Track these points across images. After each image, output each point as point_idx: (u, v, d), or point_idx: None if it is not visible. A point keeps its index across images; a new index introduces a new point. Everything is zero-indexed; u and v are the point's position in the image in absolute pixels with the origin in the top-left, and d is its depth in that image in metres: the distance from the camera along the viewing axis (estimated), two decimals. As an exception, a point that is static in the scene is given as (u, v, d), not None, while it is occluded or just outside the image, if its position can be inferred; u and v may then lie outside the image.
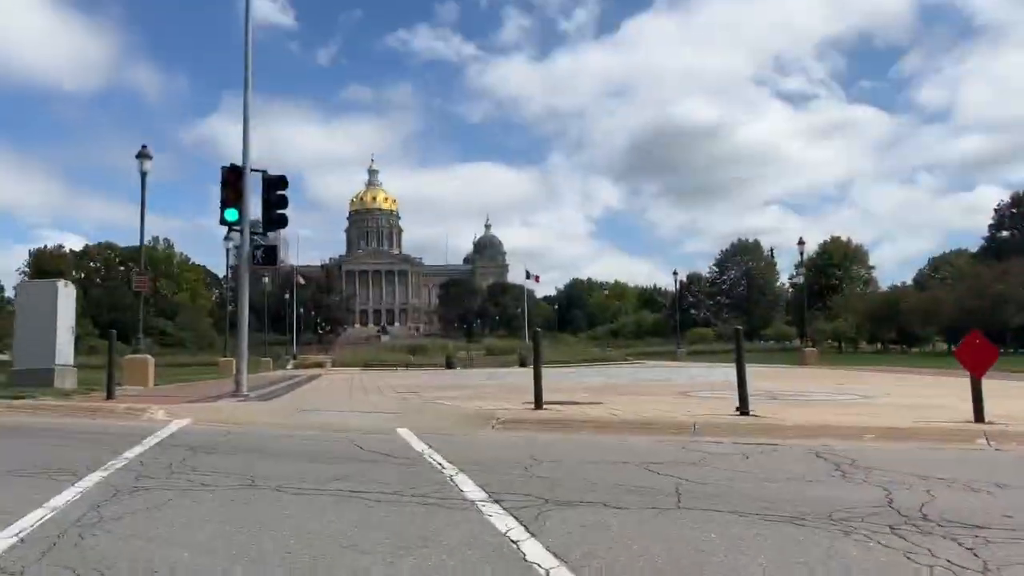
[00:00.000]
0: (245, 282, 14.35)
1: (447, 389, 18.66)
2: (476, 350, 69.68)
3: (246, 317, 14.25)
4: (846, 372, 28.51)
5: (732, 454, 7.77)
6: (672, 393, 16.00)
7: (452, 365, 47.02)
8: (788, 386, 18.85)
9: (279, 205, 14.28)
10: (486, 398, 14.32)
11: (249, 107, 14.40)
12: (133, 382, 19.46)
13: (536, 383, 10.90)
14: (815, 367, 35.21)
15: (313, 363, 60.62)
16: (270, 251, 14.11)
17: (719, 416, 10.15)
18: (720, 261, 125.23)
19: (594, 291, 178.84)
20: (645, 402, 13.03)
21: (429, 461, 7.28)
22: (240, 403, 12.52)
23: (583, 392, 16.63)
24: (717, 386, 19.15)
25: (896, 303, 64.53)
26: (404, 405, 12.45)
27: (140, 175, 20.12)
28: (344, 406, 12.47)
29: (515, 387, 18.58)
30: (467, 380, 25.07)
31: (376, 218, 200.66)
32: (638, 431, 9.34)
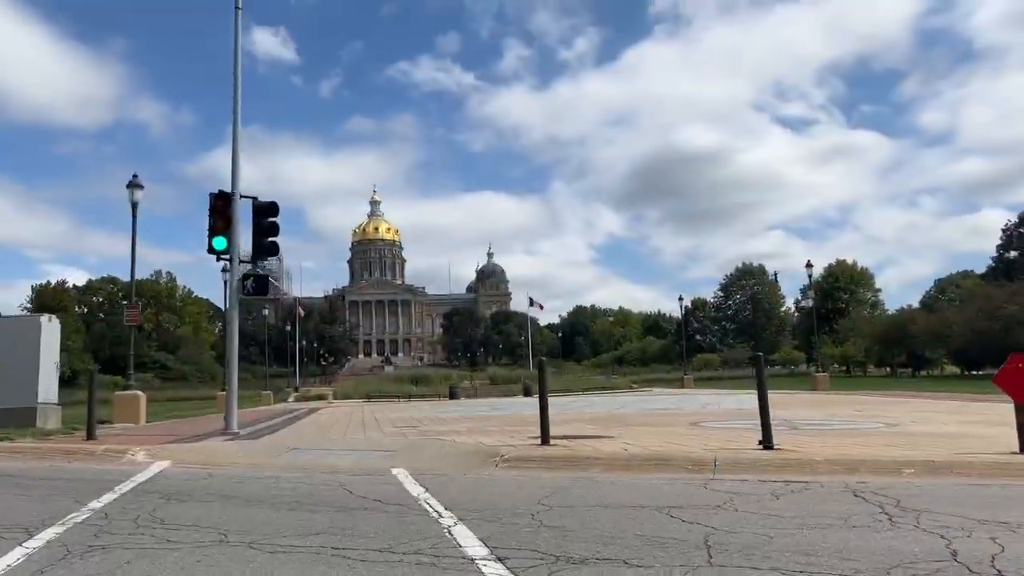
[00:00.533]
0: (235, 314, 13.69)
1: (449, 422, 17.92)
2: (480, 380, 68.79)
3: (235, 351, 13.55)
4: (860, 398, 27.68)
5: (760, 495, 7.03)
6: (683, 424, 15.23)
7: (455, 395, 46.18)
8: (805, 414, 18.08)
9: (270, 232, 13.65)
10: (489, 432, 13.58)
11: (238, 130, 13.83)
12: (124, 419, 18.74)
13: (542, 417, 10.18)
14: (827, 392, 34.37)
15: (315, 395, 59.72)
16: (261, 281, 13.45)
17: (741, 450, 9.40)
18: (725, 286, 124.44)
19: (598, 318, 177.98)
20: (657, 435, 12.27)
21: (425, 508, 6.55)
22: (227, 442, 11.79)
23: (590, 424, 15.88)
24: (730, 415, 18.38)
25: (905, 326, 63.63)
26: (401, 441, 11.70)
27: (131, 205, 19.55)
28: (338, 443, 11.73)
29: (519, 419, 17.83)
30: (470, 411, 24.30)
31: (379, 248, 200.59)
32: (654, 469, 8.60)
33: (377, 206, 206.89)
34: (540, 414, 10.18)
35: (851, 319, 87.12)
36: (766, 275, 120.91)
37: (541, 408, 10.18)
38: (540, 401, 10.24)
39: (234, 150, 13.71)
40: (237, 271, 13.42)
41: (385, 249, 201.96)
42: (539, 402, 10.24)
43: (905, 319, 66.09)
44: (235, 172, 13.66)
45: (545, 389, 10.31)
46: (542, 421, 10.17)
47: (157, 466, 9.63)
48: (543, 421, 10.16)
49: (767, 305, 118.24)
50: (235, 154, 13.72)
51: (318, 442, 11.77)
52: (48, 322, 15.48)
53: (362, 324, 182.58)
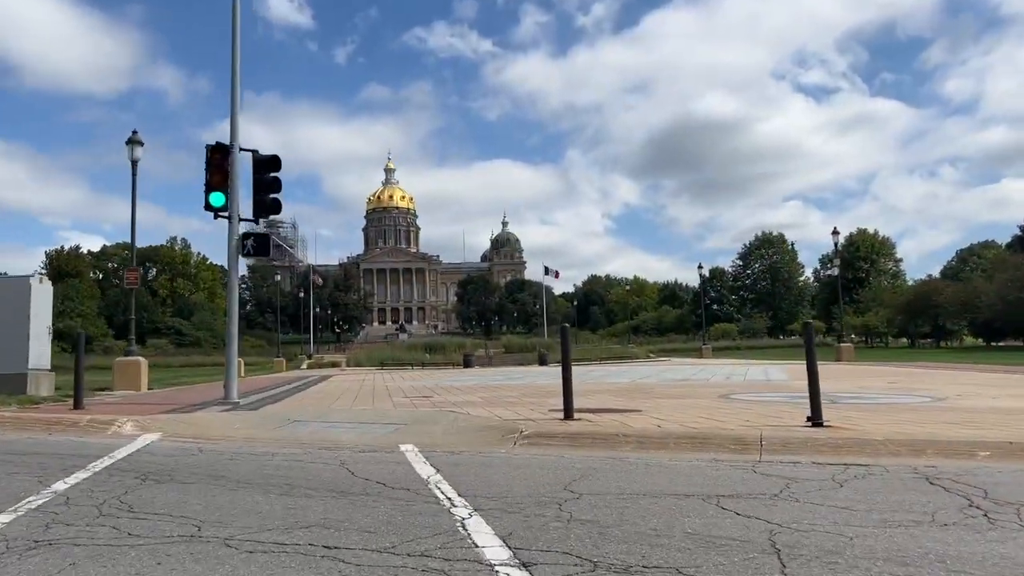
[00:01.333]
0: (234, 276, 12.82)
1: (463, 392, 17.08)
2: (494, 348, 68.02)
3: (235, 315, 12.71)
4: (890, 369, 26.66)
5: (820, 481, 6.12)
6: (713, 396, 14.31)
7: (470, 363, 45.44)
8: (839, 386, 17.11)
9: (272, 188, 12.72)
10: (506, 403, 12.71)
11: (237, 78, 12.84)
12: (124, 386, 18.04)
13: (566, 388, 9.28)
14: (852, 363, 33.32)
15: (329, 363, 59.31)
16: (262, 240, 12.55)
17: (787, 428, 8.47)
18: (743, 255, 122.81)
19: (613, 288, 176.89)
20: (687, 408, 11.35)
21: (435, 494, 5.68)
22: (224, 413, 10.97)
23: (613, 395, 15.00)
24: (759, 386, 17.45)
25: (930, 296, 62.09)
26: (412, 413, 10.85)
27: (131, 163, 18.66)
28: (344, 415, 10.89)
29: (537, 389, 16.97)
30: (485, 380, 23.48)
31: (393, 216, 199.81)
32: (691, 448, 7.69)
33: (392, 174, 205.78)
34: (563, 385, 9.28)
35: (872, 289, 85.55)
36: (785, 244, 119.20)
37: (564, 379, 9.27)
38: (563, 371, 9.33)
39: (232, 98, 12.74)
40: (236, 229, 12.52)
41: (400, 217, 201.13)
42: (562, 372, 9.33)
43: (930, 289, 64.50)
44: (234, 122, 12.71)
45: (568, 358, 9.39)
46: (565, 393, 9.27)
47: (144, 439, 8.82)
48: (566, 393, 9.26)
49: (786, 275, 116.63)
50: (233, 103, 12.76)
51: (322, 413, 10.93)
52: (39, 283, 14.67)
53: (376, 292, 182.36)
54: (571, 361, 9.43)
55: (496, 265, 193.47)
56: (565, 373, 9.29)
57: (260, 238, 12.55)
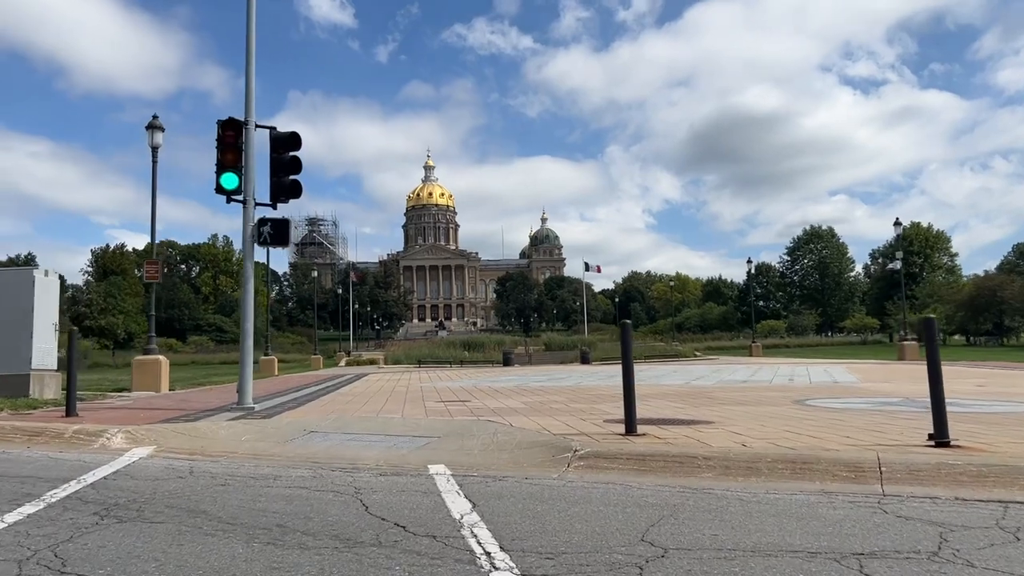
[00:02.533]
0: (249, 265, 11.53)
1: (503, 395, 15.65)
2: (534, 345, 66.59)
3: (250, 310, 11.42)
4: (966, 369, 24.61)
5: (983, 529, 4.56)
6: (786, 402, 12.67)
7: (509, 362, 44.01)
8: (917, 389, 15.29)
9: (291, 169, 11.41)
10: (552, 411, 11.25)
11: (252, 47, 11.57)
12: (143, 386, 16.96)
13: (627, 397, 7.79)
14: (919, 362, 31.13)
15: (367, 360, 58.40)
16: (280, 226, 11.24)
17: (905, 448, 6.86)
18: (791, 249, 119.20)
19: (653, 284, 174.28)
20: (764, 418, 9.78)
21: (470, 545, 4.25)
22: (232, 421, 9.66)
23: (669, 399, 13.44)
24: (832, 390, 15.72)
25: (995, 291, 59.00)
26: (447, 423, 9.43)
27: (151, 150, 17.56)
28: (370, 424, 9.52)
29: (585, 393, 15.46)
30: (526, 381, 22.03)
31: (432, 214, 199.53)
32: (792, 475, 6.16)
33: (431, 171, 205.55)
34: (624, 393, 7.79)
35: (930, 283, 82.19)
36: (835, 238, 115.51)
37: (626, 385, 7.78)
38: (624, 376, 7.83)
39: (247, 71, 11.46)
40: (252, 215, 11.23)
41: (439, 214, 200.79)
42: (623, 377, 7.84)
43: (994, 284, 61.34)
44: (249, 96, 11.43)
45: (630, 361, 7.89)
46: (627, 401, 7.77)
47: (130, 455, 7.54)
48: (628, 402, 7.77)
49: (836, 270, 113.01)
50: (248, 76, 11.48)
51: (345, 423, 9.56)
52: (44, 276, 13.53)
53: (416, 289, 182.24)
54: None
55: (535, 262, 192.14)
56: (626, 378, 7.79)
57: (278, 224, 11.23)
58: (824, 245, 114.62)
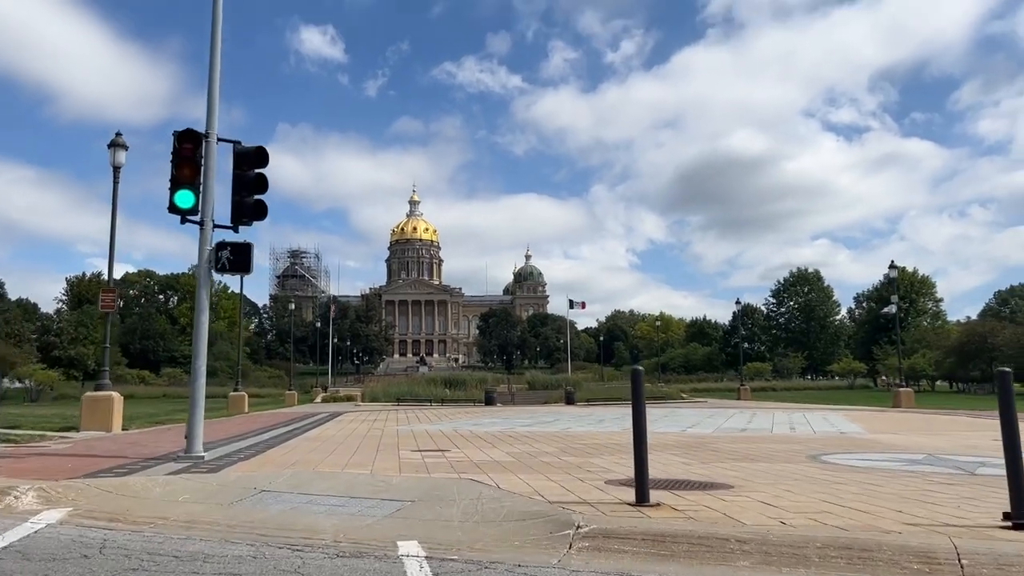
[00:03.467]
0: (205, 294, 10.23)
1: (487, 442, 14.33)
2: (517, 384, 65.10)
3: (203, 345, 10.11)
4: (968, 419, 23.48)
5: None
6: (800, 457, 11.46)
7: (492, 401, 42.55)
8: (940, 443, 14.13)
9: (255, 188, 10.20)
10: (544, 466, 9.96)
11: (218, 51, 10.40)
12: (92, 425, 15.51)
13: (638, 459, 6.53)
14: (918, 410, 30.06)
15: (344, 396, 56.60)
16: (241, 251, 9.98)
17: (977, 530, 5.64)
18: (777, 292, 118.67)
19: (637, 323, 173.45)
20: (788, 479, 8.56)
21: None
22: (172, 476, 8.29)
23: (672, 451, 12.20)
24: (841, 443, 14.50)
25: (985, 337, 58.29)
26: (422, 482, 8.11)
27: (112, 169, 16.29)
28: (333, 482, 8.19)
29: (578, 442, 14.16)
30: (511, 424, 20.69)
31: (416, 248, 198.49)
32: (849, 566, 4.94)
33: (416, 206, 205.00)
34: (635, 454, 6.53)
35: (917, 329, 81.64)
36: (821, 281, 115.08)
37: (637, 446, 6.53)
38: (635, 433, 6.59)
39: (211, 76, 10.29)
40: (209, 238, 9.98)
41: (423, 249, 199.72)
42: (634, 434, 6.58)
43: (985, 330, 60.69)
44: (211, 106, 10.24)
45: (642, 415, 6.65)
46: (638, 463, 6.52)
47: (36, 522, 6.18)
48: (639, 463, 6.51)
49: (822, 313, 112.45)
50: (212, 82, 10.30)
51: (305, 480, 8.23)
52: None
53: (398, 324, 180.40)
54: (643, 418, 6.68)
55: (519, 299, 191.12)
56: (638, 436, 6.54)
57: (239, 249, 9.97)
58: (810, 288, 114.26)
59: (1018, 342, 52.64)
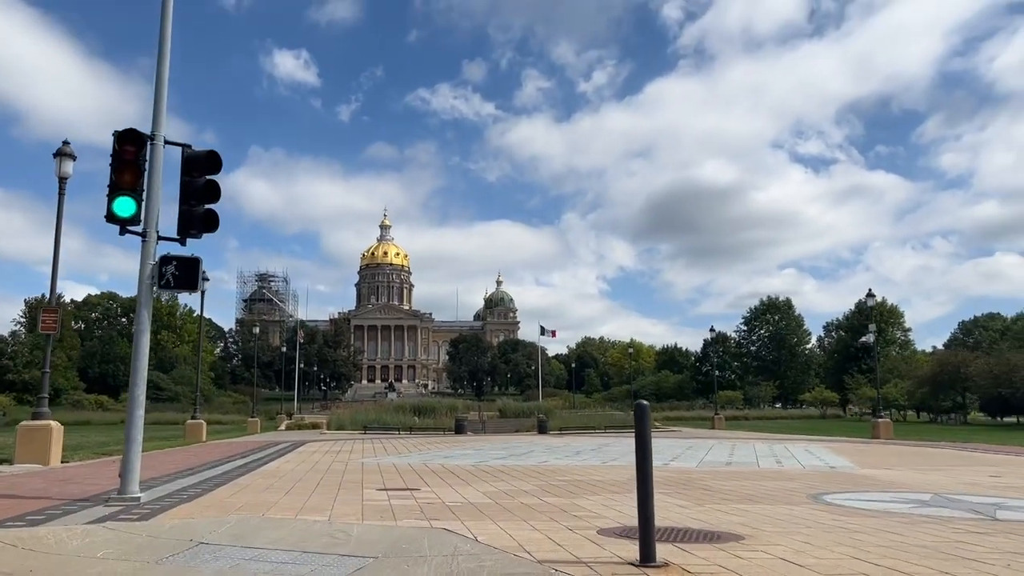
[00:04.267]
0: (145, 314, 9.11)
1: (459, 479, 13.27)
2: (487, 410, 63.91)
3: (143, 365, 8.98)
4: (952, 452, 22.83)
5: None
6: (800, 496, 10.57)
7: (462, 430, 41.37)
8: (937, 480, 13.33)
9: (206, 196, 9.17)
10: (525, 509, 8.95)
11: (167, 42, 9.39)
12: (28, 457, 14.21)
13: (643, 511, 5.56)
14: (897, 442, 29.41)
15: (309, 424, 54.99)
16: (188, 266, 8.91)
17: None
18: (748, 320, 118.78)
19: (607, 350, 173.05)
20: (796, 526, 7.65)
21: None
22: (94, 525, 7.14)
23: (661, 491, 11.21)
24: (837, 479, 13.64)
25: (957, 368, 58.23)
26: (388, 533, 7.06)
27: (58, 180, 15.13)
28: (284, 532, 7.11)
29: (559, 477, 13.14)
30: (484, 456, 19.63)
31: (387, 273, 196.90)
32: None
33: (387, 231, 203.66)
34: (640, 507, 5.56)
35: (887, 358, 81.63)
36: (791, 310, 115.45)
37: (642, 496, 5.56)
38: (639, 482, 5.62)
39: (159, 72, 9.27)
40: (153, 251, 8.91)
41: (393, 274, 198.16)
42: (638, 482, 5.61)
43: (958, 360, 60.72)
44: (158, 106, 9.21)
45: (648, 459, 5.67)
46: (642, 517, 5.54)
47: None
48: (644, 517, 5.53)
49: (793, 341, 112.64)
50: (159, 80, 9.27)
51: (250, 529, 7.15)
52: None
53: (367, 349, 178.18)
54: (650, 459, 5.70)
55: (489, 325, 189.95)
56: (642, 485, 5.58)
57: (186, 264, 8.90)
58: (781, 316, 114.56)
59: (990, 372, 52.67)
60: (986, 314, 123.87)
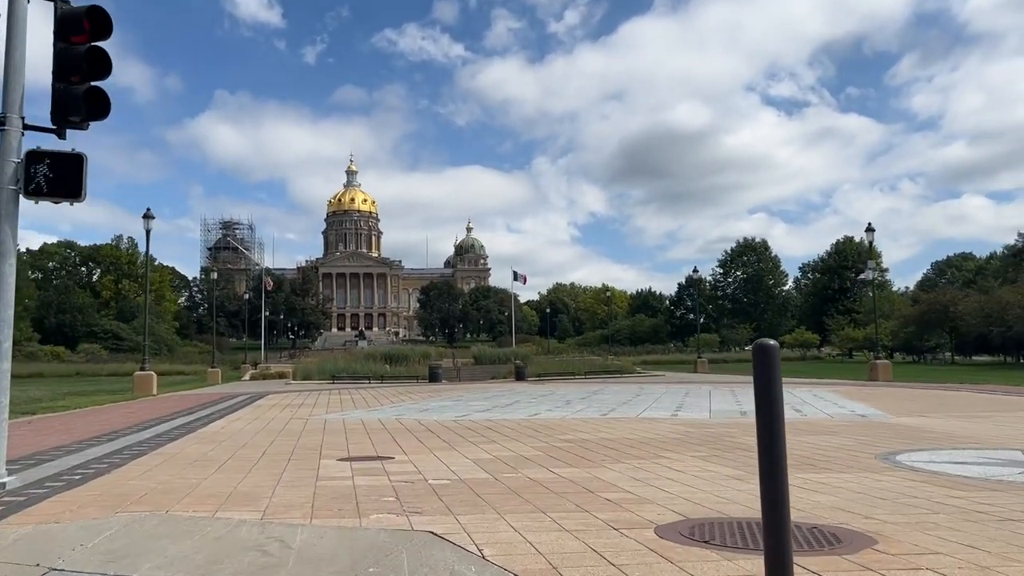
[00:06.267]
0: (6, 228, 6.61)
1: (442, 443, 11.05)
2: (462, 357, 61.76)
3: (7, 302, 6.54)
4: (957, 394, 21.09)
5: None
6: (872, 461, 8.51)
7: (437, 378, 39.24)
8: (1010, 432, 11.37)
9: (91, 69, 6.64)
10: (536, 489, 6.74)
11: None
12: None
13: (775, 528, 3.28)
14: (905, 386, 27.72)
15: (275, 373, 52.56)
16: (65, 166, 6.40)
17: None
18: (724, 262, 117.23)
19: (578, 296, 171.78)
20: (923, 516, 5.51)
21: None
22: None
23: (695, 453, 9.16)
24: (886, 434, 11.64)
25: (946, 307, 57.01)
26: (346, 544, 4.76)
27: None
28: (189, 546, 4.81)
29: (562, 438, 10.91)
30: (465, 409, 17.47)
31: (354, 220, 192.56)
32: None
33: (354, 176, 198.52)
34: (768, 516, 3.28)
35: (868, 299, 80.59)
36: (768, 251, 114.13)
37: (769, 489, 3.28)
38: (766, 463, 3.33)
39: None
40: (16, 144, 6.40)
41: (361, 221, 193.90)
42: (762, 467, 3.32)
43: (947, 300, 59.47)
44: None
45: (777, 428, 3.38)
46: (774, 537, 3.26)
47: None
48: (777, 536, 3.26)
49: (770, 282, 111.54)
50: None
51: (139, 538, 4.82)
52: None
53: (336, 297, 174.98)
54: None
55: (460, 272, 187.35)
56: (770, 479, 3.30)
57: (62, 163, 6.41)
58: (757, 258, 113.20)
59: (981, 310, 51.50)
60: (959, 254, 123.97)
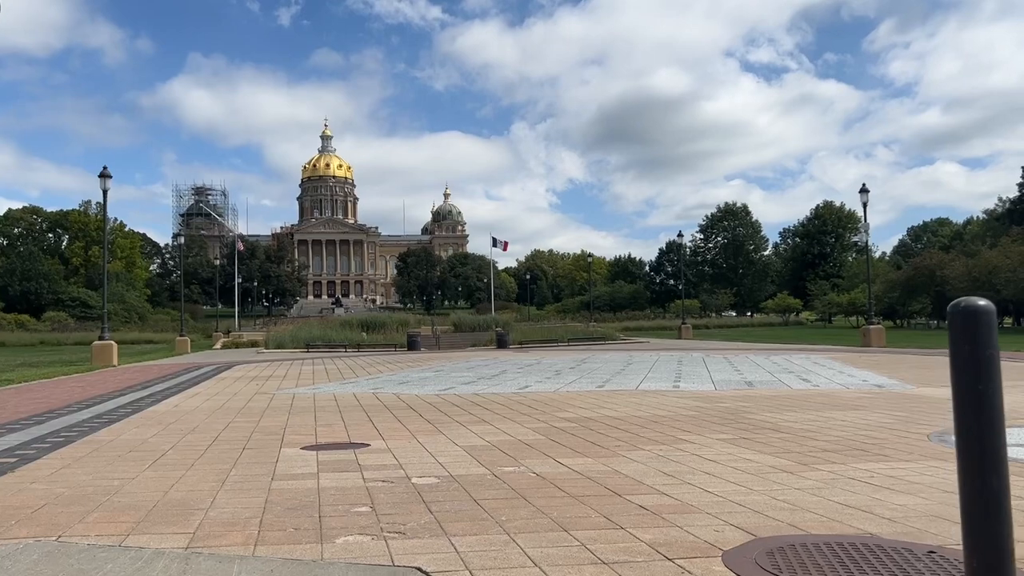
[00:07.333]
0: None
1: (425, 423, 9.74)
2: (440, 325, 60.48)
3: None
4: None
5: None
6: (923, 442, 7.30)
7: (415, 346, 37.94)
8: None
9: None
10: (549, 490, 5.45)
11: None
12: None
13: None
14: (903, 351, 26.78)
15: (248, 342, 51.08)
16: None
17: None
18: (704, 227, 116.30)
19: (557, 263, 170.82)
20: None
21: None
22: None
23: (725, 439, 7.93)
24: (921, 405, 10.47)
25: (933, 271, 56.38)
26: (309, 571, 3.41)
27: None
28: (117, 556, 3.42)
29: (561, 415, 9.60)
30: (449, 382, 16.18)
31: (330, 186, 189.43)
32: None
33: (328, 141, 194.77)
34: (968, 539, 1.96)
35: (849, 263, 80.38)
36: (749, 216, 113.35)
37: (980, 507, 1.95)
38: (965, 467, 2.01)
39: None
40: None
41: (336, 187, 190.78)
42: (961, 470, 2.00)
43: (934, 264, 58.86)
44: None
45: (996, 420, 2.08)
46: None
47: None
48: None
49: (751, 247, 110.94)
50: None
51: (27, 571, 3.44)
52: None
53: (312, 264, 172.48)
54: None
55: (437, 238, 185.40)
56: (982, 487, 1.98)
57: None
58: (738, 223, 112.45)
59: (969, 274, 50.86)
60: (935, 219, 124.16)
